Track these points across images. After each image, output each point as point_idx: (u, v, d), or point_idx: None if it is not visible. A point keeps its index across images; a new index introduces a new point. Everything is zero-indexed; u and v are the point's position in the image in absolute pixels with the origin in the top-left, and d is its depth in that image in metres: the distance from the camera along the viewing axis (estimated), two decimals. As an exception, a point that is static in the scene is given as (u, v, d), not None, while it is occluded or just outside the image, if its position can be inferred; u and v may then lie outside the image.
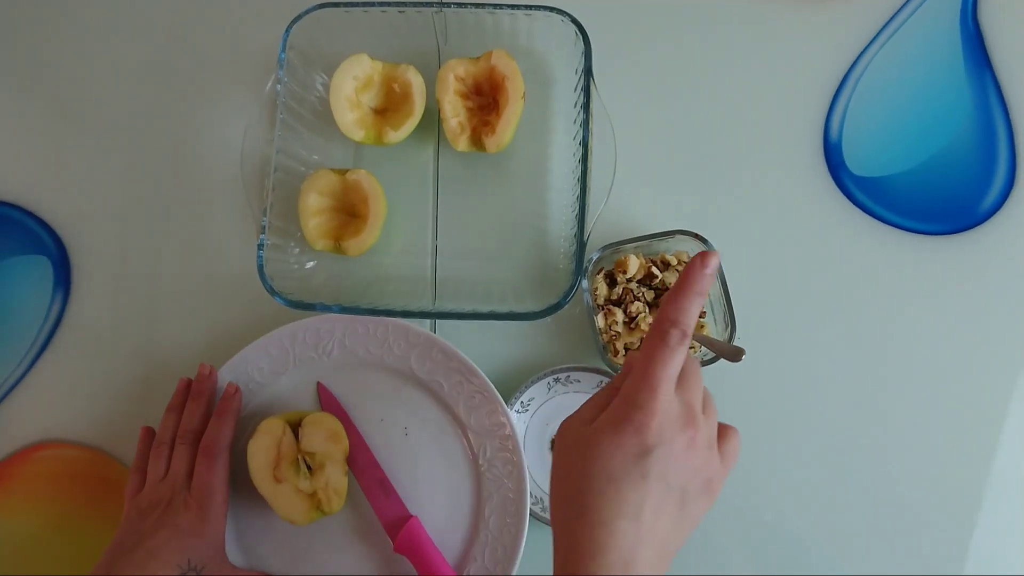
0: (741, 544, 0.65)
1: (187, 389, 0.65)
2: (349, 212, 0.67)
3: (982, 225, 0.68)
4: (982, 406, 0.66)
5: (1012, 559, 0.64)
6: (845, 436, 0.66)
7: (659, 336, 0.44)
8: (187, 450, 0.61)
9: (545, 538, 0.64)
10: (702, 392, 0.45)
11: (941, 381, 0.66)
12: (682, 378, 0.44)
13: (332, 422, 0.63)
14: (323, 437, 0.62)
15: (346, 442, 0.63)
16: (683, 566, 0.64)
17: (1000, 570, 0.64)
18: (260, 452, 0.61)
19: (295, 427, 0.62)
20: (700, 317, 0.63)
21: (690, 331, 0.44)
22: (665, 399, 0.42)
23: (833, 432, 0.66)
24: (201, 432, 0.62)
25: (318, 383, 0.65)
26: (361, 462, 0.64)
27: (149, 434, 0.64)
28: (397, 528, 0.62)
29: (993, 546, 0.64)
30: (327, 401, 0.65)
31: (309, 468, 0.61)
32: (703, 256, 0.45)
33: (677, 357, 0.43)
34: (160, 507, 0.59)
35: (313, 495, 0.61)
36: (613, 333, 0.63)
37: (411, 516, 0.63)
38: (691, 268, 0.44)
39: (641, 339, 0.64)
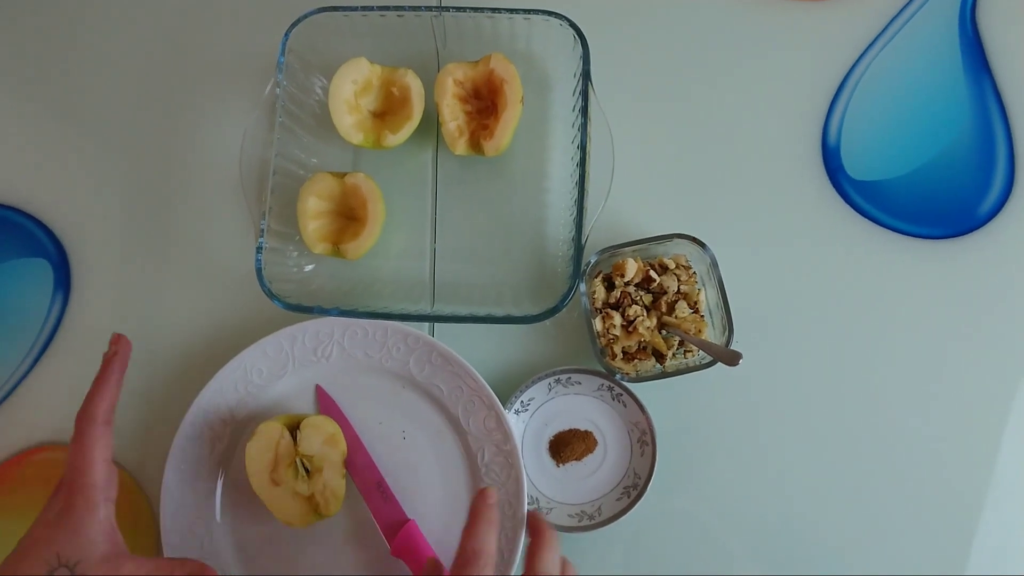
0: (742, 544, 0.65)
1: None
2: (348, 215, 0.67)
3: (981, 228, 0.68)
4: (983, 408, 0.66)
5: (1014, 560, 0.64)
6: (845, 438, 0.66)
7: (463, 566, 0.49)
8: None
9: (543, 541, 0.64)
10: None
11: (941, 384, 0.66)
12: None
13: (330, 425, 0.63)
14: (321, 440, 0.62)
15: (344, 445, 0.63)
16: (684, 566, 0.64)
17: (1002, 571, 0.64)
18: (258, 455, 0.61)
19: (293, 430, 0.62)
20: (699, 317, 0.64)
21: (493, 559, 0.50)
22: None
23: (833, 434, 0.66)
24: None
25: (317, 386, 0.66)
26: (359, 465, 0.64)
27: None
28: (395, 531, 0.62)
29: (995, 547, 0.64)
30: (326, 404, 0.65)
31: (307, 471, 0.62)
32: (483, 492, 0.53)
33: None
34: (54, 490, 0.53)
35: (311, 498, 0.61)
36: (611, 336, 0.63)
37: (408, 519, 0.63)
38: (476, 505, 0.52)
39: (639, 343, 0.64)
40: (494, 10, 0.65)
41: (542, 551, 0.52)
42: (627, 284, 0.64)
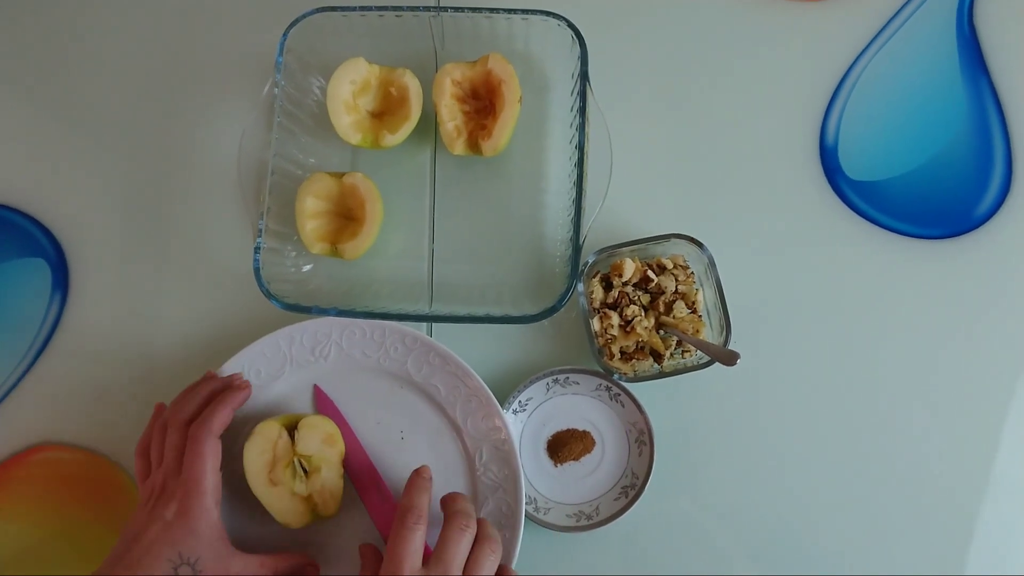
0: (740, 544, 0.65)
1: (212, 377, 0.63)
2: (346, 215, 0.68)
3: (979, 229, 0.68)
4: (980, 408, 0.66)
5: (1012, 560, 0.64)
6: (842, 438, 0.66)
7: (399, 520, 0.55)
8: (177, 435, 0.59)
9: (539, 539, 0.64)
10: (459, 561, 0.54)
11: (939, 384, 0.67)
12: (438, 553, 0.54)
13: (328, 425, 0.63)
14: (319, 440, 0.62)
15: (342, 445, 0.63)
16: (682, 566, 0.64)
17: (1000, 571, 0.64)
18: (256, 455, 0.61)
19: (291, 430, 0.62)
20: (697, 317, 0.64)
21: (424, 514, 0.56)
22: (409, 572, 0.53)
23: (830, 434, 0.66)
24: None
25: (315, 386, 0.66)
26: (357, 465, 0.64)
27: (162, 411, 0.63)
28: None
29: (993, 547, 0.64)
30: (324, 404, 0.65)
31: (305, 471, 0.62)
32: (418, 469, 0.59)
33: (416, 535, 0.54)
34: (154, 496, 0.57)
35: (308, 498, 0.61)
36: (609, 336, 0.64)
37: None
38: (413, 479, 0.58)
39: (637, 343, 0.64)
40: (492, 10, 0.65)
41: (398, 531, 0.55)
42: (625, 284, 0.65)
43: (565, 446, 0.65)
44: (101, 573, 0.55)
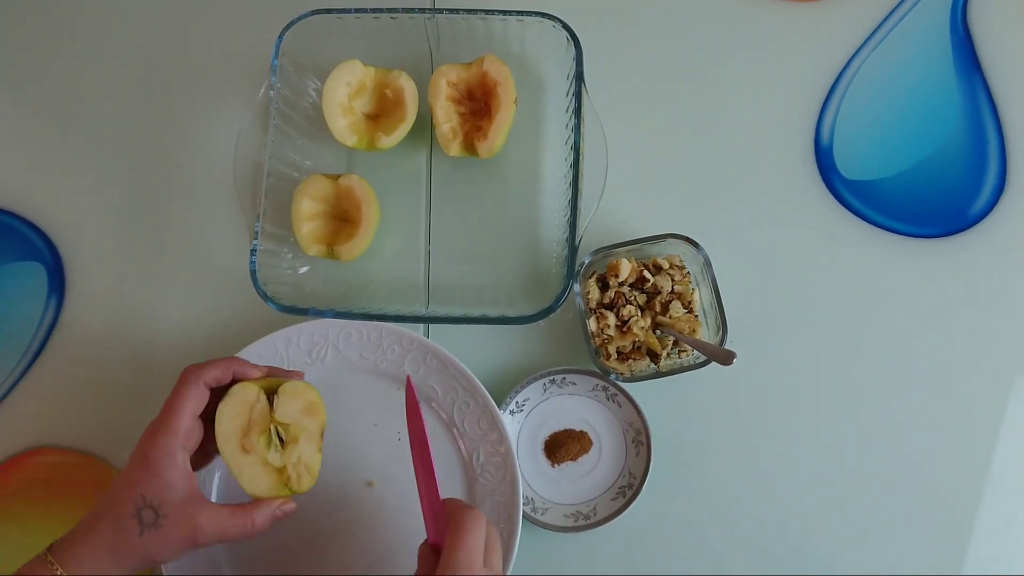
0: (737, 544, 0.65)
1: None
2: (342, 217, 0.68)
3: (974, 227, 0.69)
4: (978, 407, 0.66)
5: (1010, 559, 0.64)
6: (839, 437, 0.66)
7: (467, 518, 0.50)
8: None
9: (537, 539, 0.64)
10: (483, 544, 0.51)
11: (935, 383, 0.67)
12: (488, 556, 0.50)
13: (311, 393, 0.57)
14: (299, 408, 0.56)
15: (324, 416, 0.57)
16: (679, 566, 0.64)
17: (998, 570, 0.64)
18: (230, 417, 0.54)
19: (271, 395, 0.56)
20: (693, 317, 0.64)
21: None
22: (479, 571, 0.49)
23: (827, 433, 0.66)
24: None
25: (407, 377, 0.57)
26: (422, 473, 0.56)
27: None
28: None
29: (991, 547, 0.64)
30: (411, 400, 0.56)
31: (281, 440, 0.56)
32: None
33: (481, 535, 0.50)
34: None
35: (282, 470, 0.55)
36: (605, 337, 0.64)
37: None
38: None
39: (634, 343, 0.64)
40: (487, 12, 0.65)
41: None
42: (621, 284, 0.65)
43: (562, 446, 0.65)
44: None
